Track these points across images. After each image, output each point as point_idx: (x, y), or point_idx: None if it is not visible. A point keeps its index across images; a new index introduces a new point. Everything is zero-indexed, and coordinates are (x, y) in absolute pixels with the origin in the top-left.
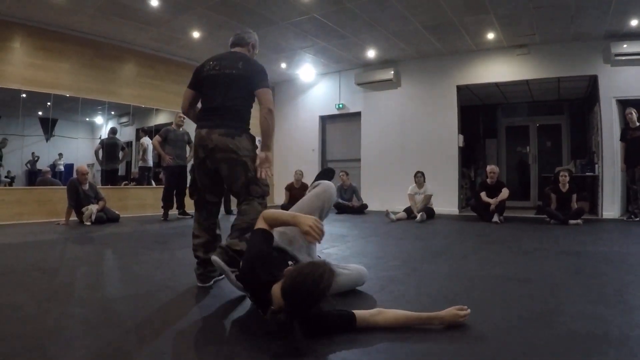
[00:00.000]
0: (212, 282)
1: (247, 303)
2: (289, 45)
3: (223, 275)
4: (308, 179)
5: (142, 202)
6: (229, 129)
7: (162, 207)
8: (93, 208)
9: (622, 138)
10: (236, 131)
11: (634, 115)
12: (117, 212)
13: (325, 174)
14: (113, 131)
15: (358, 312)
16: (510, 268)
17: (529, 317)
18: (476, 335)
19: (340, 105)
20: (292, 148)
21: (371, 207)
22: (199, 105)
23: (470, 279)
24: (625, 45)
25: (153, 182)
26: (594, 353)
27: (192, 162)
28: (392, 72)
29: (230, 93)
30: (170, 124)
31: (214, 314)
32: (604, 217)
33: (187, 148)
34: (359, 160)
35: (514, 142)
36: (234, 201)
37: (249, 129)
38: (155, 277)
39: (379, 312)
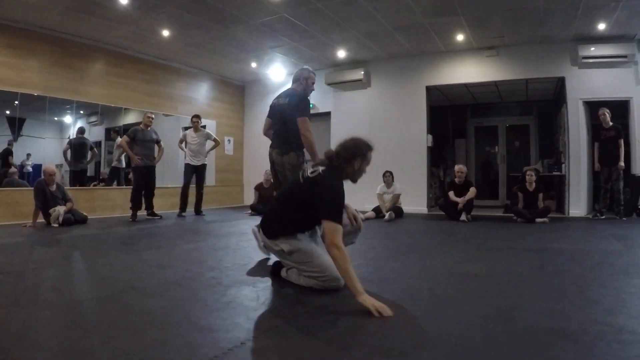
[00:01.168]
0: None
1: (210, 303)
2: (259, 44)
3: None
4: None
5: (111, 203)
6: (280, 149)
7: (131, 208)
8: (60, 209)
9: (596, 138)
10: (284, 151)
11: (607, 116)
12: (85, 213)
13: None
14: (81, 131)
15: (336, 233)
16: (474, 265)
17: (490, 313)
18: (436, 332)
19: (311, 105)
20: (262, 147)
21: None
22: None
23: (434, 276)
24: (592, 49)
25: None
26: (553, 348)
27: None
28: (362, 72)
29: (281, 121)
30: (139, 123)
31: (177, 314)
32: (571, 215)
33: (156, 148)
34: None
35: (482, 142)
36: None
37: (297, 147)
38: (120, 279)
39: (341, 250)
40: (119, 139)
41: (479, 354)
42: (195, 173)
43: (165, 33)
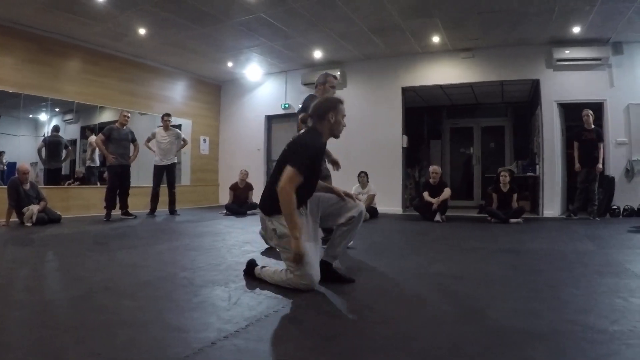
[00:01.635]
0: None
1: (182, 303)
2: (235, 44)
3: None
4: (253, 179)
5: (85, 203)
6: None
7: (105, 207)
8: (34, 209)
9: (577, 138)
10: None
11: (590, 118)
12: (59, 212)
13: None
14: (56, 129)
15: (291, 179)
16: (447, 265)
17: (461, 313)
18: (406, 331)
19: (286, 105)
20: (238, 147)
21: None
22: None
23: (406, 276)
24: (567, 51)
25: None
26: (523, 348)
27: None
28: (338, 72)
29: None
30: (115, 122)
31: (149, 315)
32: (545, 215)
33: (131, 147)
34: None
35: (458, 143)
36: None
37: None
38: (93, 279)
39: (289, 195)
40: (92, 137)
41: (448, 353)
42: (166, 173)
43: (142, 31)
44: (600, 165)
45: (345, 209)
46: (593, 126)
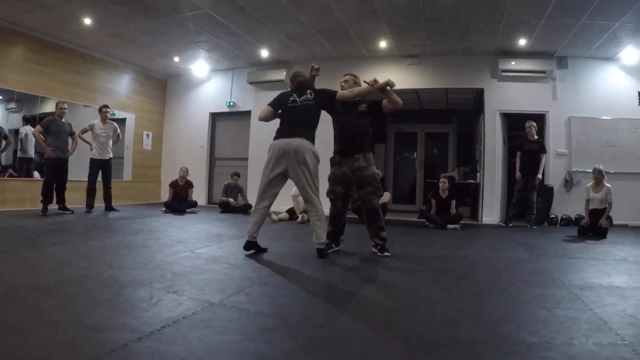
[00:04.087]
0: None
1: (103, 302)
2: (182, 39)
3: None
4: (195, 177)
5: (21, 196)
6: None
7: (42, 201)
8: None
9: (520, 149)
10: None
11: (533, 129)
12: None
13: None
14: None
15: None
16: (374, 271)
17: (378, 321)
18: (319, 339)
19: (231, 103)
20: (182, 144)
21: None
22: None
23: (331, 281)
24: (513, 62)
25: (38, 174)
26: (437, 357)
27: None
28: (284, 73)
29: None
30: (54, 113)
31: (68, 313)
32: (484, 222)
33: (70, 140)
34: (246, 159)
35: (402, 147)
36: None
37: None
38: (17, 276)
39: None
40: (27, 128)
41: None
42: (102, 168)
43: (87, 21)
44: (539, 175)
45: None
46: (536, 137)
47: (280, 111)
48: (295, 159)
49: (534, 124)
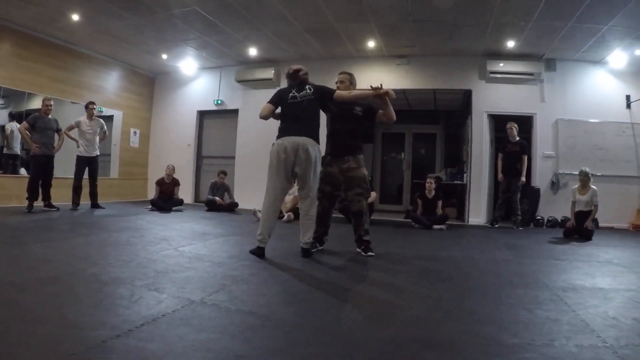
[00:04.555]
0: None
1: (84, 300)
2: (170, 36)
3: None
4: (182, 175)
5: (6, 193)
6: None
7: (27, 198)
8: None
9: (502, 150)
10: None
11: (514, 130)
12: None
13: None
14: None
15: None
16: (358, 271)
17: (359, 320)
18: (298, 337)
19: (219, 102)
20: (169, 141)
21: (243, 205)
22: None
23: (313, 281)
24: (501, 64)
25: (24, 171)
26: (417, 358)
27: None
28: (273, 71)
29: None
30: (40, 110)
31: (48, 310)
32: (470, 223)
33: (56, 137)
34: (233, 157)
35: (389, 148)
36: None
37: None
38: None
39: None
40: (13, 124)
41: None
42: (88, 165)
43: (75, 17)
44: (523, 178)
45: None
46: (518, 139)
47: (280, 108)
48: (303, 156)
49: (515, 125)
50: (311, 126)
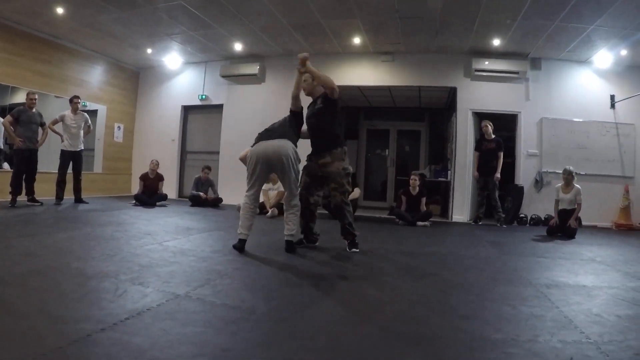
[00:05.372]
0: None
1: (68, 294)
2: (155, 30)
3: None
4: (166, 170)
5: None
6: None
7: (10, 192)
8: None
9: (477, 148)
10: None
11: (489, 128)
12: None
13: None
14: None
15: None
16: (342, 267)
17: (344, 316)
18: (283, 333)
19: (204, 97)
20: (153, 136)
21: (227, 201)
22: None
23: (297, 276)
24: (486, 62)
25: (7, 165)
26: (400, 353)
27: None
28: (258, 67)
29: None
30: (24, 104)
31: (32, 304)
32: (454, 220)
33: (40, 131)
34: (217, 153)
35: (374, 144)
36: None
37: None
38: None
39: None
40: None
41: (321, 354)
42: (73, 160)
43: (60, 10)
44: (498, 175)
45: None
46: (493, 136)
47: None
48: (275, 159)
49: (490, 122)
50: (286, 131)
